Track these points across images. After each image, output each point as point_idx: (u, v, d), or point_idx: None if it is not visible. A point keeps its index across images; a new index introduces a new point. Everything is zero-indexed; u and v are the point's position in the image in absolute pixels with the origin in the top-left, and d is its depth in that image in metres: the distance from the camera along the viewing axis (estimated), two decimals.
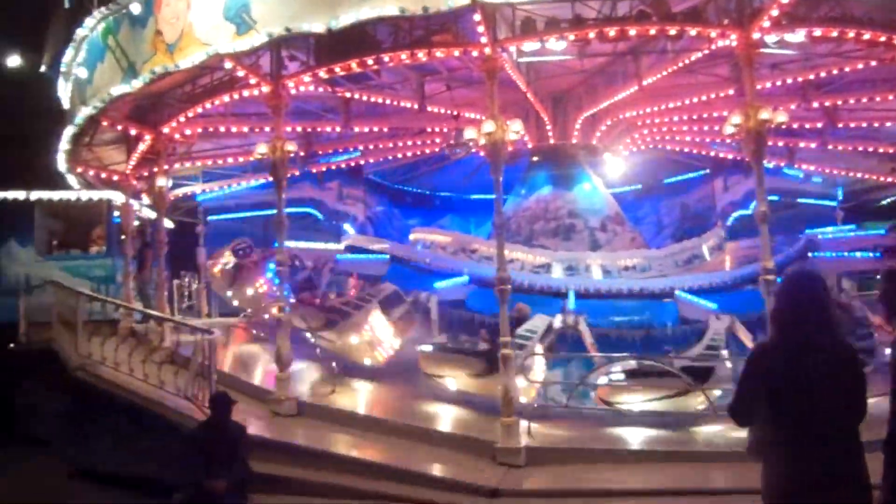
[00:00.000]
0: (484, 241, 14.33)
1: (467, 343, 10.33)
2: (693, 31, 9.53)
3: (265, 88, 10.21)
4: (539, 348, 9.69)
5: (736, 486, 6.25)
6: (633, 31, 9.45)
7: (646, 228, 18.17)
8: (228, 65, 10.13)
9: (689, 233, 16.23)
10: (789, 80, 12.53)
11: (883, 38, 9.53)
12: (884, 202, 18.76)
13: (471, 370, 9.40)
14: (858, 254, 13.08)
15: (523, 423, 7.84)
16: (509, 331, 8.21)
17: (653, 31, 9.66)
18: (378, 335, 10.55)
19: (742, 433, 3.83)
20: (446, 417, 9.03)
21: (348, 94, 12.82)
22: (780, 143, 15.65)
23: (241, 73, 10.43)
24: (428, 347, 10.03)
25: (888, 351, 8.94)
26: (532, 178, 15.59)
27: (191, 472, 6.68)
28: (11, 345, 12.89)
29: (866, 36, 9.42)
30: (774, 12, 8.65)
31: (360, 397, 9.74)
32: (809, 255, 12.67)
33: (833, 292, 12.81)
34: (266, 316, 12.36)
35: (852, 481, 3.52)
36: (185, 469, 6.82)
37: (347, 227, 16.70)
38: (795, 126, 14.38)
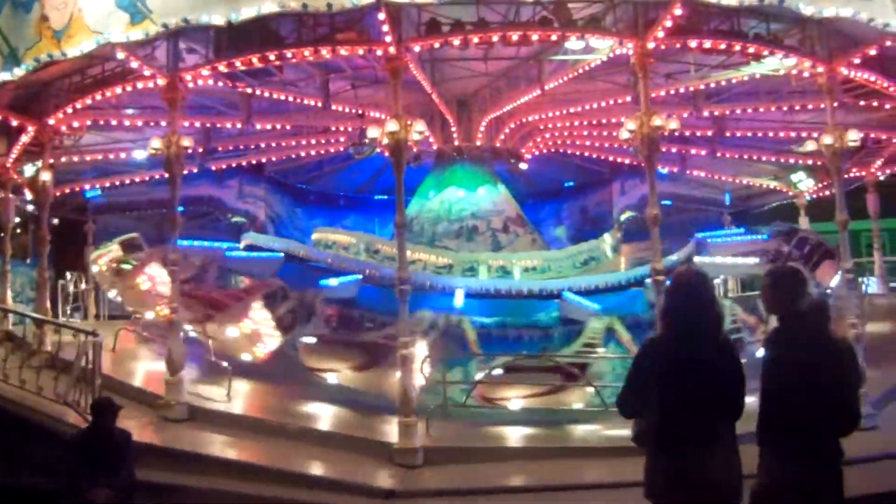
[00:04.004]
0: (387, 242, 14.26)
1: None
2: (592, 39, 9.82)
3: (161, 81, 9.83)
4: (422, 346, 9.79)
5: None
6: (535, 36, 9.68)
7: (546, 230, 18.54)
8: (121, 55, 9.70)
9: (588, 235, 16.66)
10: (682, 90, 13.07)
11: (766, 53, 10.10)
12: (766, 207, 19.94)
13: (350, 363, 9.44)
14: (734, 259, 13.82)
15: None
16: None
17: (554, 37, 9.90)
18: (260, 330, 10.42)
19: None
20: (340, 418, 8.99)
21: (249, 90, 12.49)
22: (674, 150, 16.30)
23: (134, 65, 10.00)
24: (311, 339, 10.03)
25: (759, 351, 9.60)
26: (436, 180, 15.64)
27: (71, 481, 6.33)
28: None
29: (751, 49, 9.96)
30: (668, 23, 9.02)
31: (254, 400, 9.52)
32: (698, 257, 13.24)
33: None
34: (151, 315, 11.91)
35: (727, 475, 3.69)
36: (65, 478, 6.45)
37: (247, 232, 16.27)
38: (687, 133, 15.04)
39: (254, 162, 17.13)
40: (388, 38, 8.80)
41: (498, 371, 9.15)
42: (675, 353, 3.68)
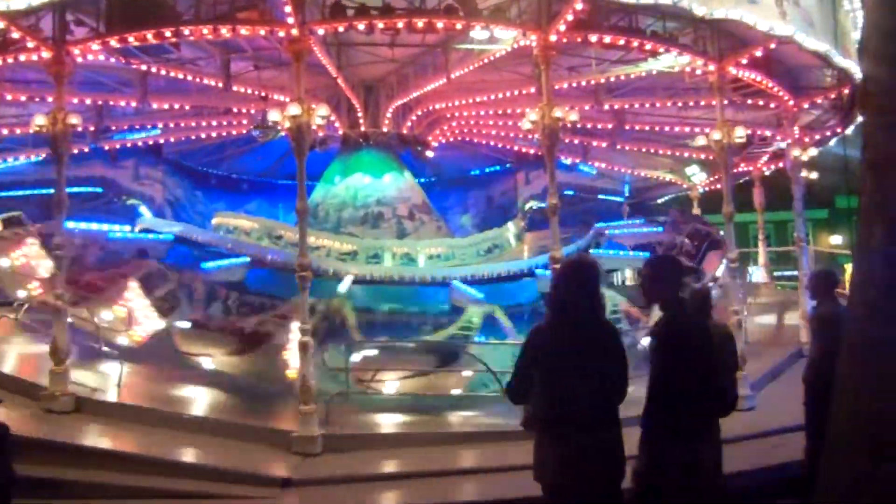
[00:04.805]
0: (290, 227, 13.99)
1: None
2: (497, 29, 9.92)
3: (46, 54, 9.27)
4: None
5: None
6: (440, 24, 9.68)
7: (453, 218, 18.65)
8: (1, 24, 9.09)
9: (494, 223, 16.87)
10: (584, 83, 13.39)
11: (662, 50, 10.47)
12: (662, 199, 20.78)
13: (226, 348, 9.41)
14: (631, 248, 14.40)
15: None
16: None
17: (459, 26, 9.94)
18: (136, 312, 10.13)
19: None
20: (236, 407, 8.78)
21: (144, 68, 11.97)
22: (576, 141, 16.70)
23: (16, 35, 9.39)
24: (185, 324, 9.84)
25: (644, 340, 10.06)
26: (342, 165, 15.47)
27: None
28: None
29: (648, 46, 10.29)
30: (570, 17, 9.20)
31: (144, 389, 9.17)
32: (596, 248, 13.69)
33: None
34: (23, 294, 11.29)
35: (610, 458, 3.85)
36: None
37: (144, 209, 15.63)
38: (589, 126, 15.44)
39: (151, 142, 16.46)
40: (291, 20, 8.61)
41: (373, 352, 9.24)
42: (559, 339, 3.80)
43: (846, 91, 12.45)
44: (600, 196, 19.49)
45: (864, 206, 3.27)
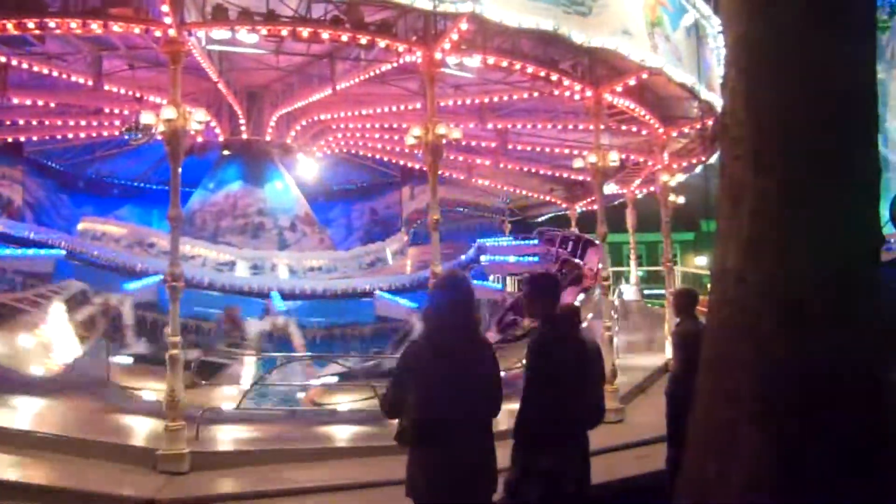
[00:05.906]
0: (163, 235, 13.37)
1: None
2: (383, 43, 9.92)
3: None
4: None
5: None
6: (326, 35, 9.57)
7: (336, 231, 18.47)
8: None
9: (377, 237, 16.85)
10: (469, 101, 13.63)
11: (543, 73, 10.82)
12: (541, 218, 21.44)
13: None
14: (514, 258, 14.88)
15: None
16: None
17: (345, 38, 9.86)
18: (56, 338, 9.41)
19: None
20: (101, 423, 8.25)
21: (4, 59, 11.15)
22: (461, 158, 16.96)
23: None
24: (127, 359, 9.19)
25: None
26: (222, 173, 14.99)
27: None
28: None
29: (530, 69, 10.61)
30: (454, 36, 9.34)
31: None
32: (481, 259, 13.97)
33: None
34: None
35: (482, 471, 3.88)
36: None
37: None
38: (474, 143, 15.72)
39: (10, 140, 15.34)
40: (168, 20, 8.25)
41: (332, 379, 9.04)
42: (433, 353, 3.81)
43: (710, 122, 13.30)
44: (483, 213, 19.89)
45: (720, 230, 3.47)
